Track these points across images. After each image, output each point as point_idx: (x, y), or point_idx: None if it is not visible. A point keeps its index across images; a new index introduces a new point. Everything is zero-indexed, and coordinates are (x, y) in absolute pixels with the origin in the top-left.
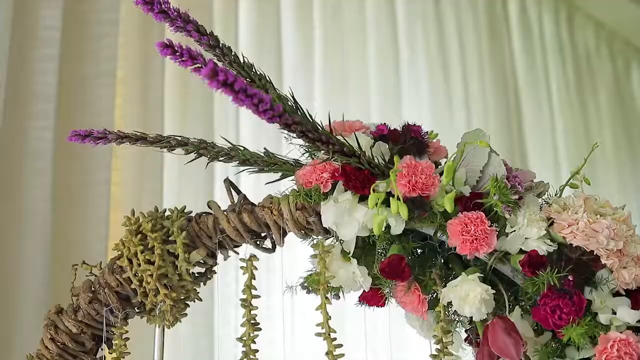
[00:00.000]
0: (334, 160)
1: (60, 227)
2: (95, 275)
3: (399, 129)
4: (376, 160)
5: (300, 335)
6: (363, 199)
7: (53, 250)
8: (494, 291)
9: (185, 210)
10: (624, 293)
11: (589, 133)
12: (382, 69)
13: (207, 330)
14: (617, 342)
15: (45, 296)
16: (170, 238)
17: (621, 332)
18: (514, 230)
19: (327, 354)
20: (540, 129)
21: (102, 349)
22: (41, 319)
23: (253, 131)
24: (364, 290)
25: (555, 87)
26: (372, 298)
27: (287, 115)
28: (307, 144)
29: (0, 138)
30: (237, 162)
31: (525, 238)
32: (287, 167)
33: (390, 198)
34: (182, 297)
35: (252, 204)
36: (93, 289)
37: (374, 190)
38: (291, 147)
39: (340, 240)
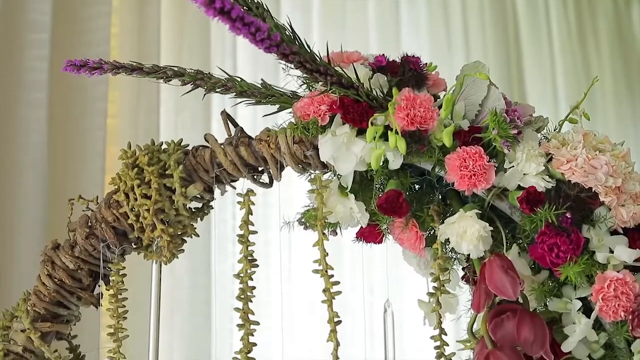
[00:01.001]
0: (331, 92)
1: (57, 160)
2: (92, 210)
3: (397, 61)
4: (374, 92)
5: (298, 272)
6: (361, 132)
7: (50, 184)
8: (492, 228)
9: (182, 144)
10: (621, 231)
11: (588, 71)
12: (381, 0)
13: (204, 267)
14: (614, 281)
15: (42, 232)
16: (166, 172)
17: (618, 272)
18: (513, 166)
19: (324, 290)
20: (539, 63)
21: (99, 286)
22: (38, 255)
23: (250, 62)
24: (361, 227)
25: (555, 23)
26: (370, 234)
27: (285, 44)
28: (304, 75)
29: None
30: (234, 93)
31: (524, 174)
32: (285, 99)
33: (389, 132)
34: (179, 233)
35: (249, 137)
36: (90, 224)
37: (372, 124)
38: (289, 79)
39: (338, 175)
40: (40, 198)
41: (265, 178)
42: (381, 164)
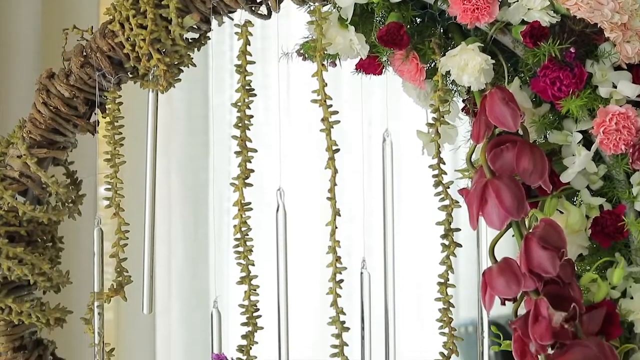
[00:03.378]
0: None
1: None
2: (87, 40)
3: None
4: None
5: (296, 104)
6: None
7: (43, 15)
8: (494, 61)
9: None
10: (625, 68)
11: None
12: None
13: (201, 99)
14: (616, 115)
15: (37, 62)
16: (162, 2)
17: (621, 106)
18: (517, 0)
19: (322, 120)
20: None
21: (95, 114)
22: (33, 84)
23: None
24: (361, 58)
25: None
26: (369, 66)
27: None
28: None
29: None
30: None
31: (528, 9)
32: None
33: None
34: (175, 62)
35: None
36: (85, 53)
37: None
38: None
39: (338, 7)
40: (34, 27)
41: (263, 10)
42: None
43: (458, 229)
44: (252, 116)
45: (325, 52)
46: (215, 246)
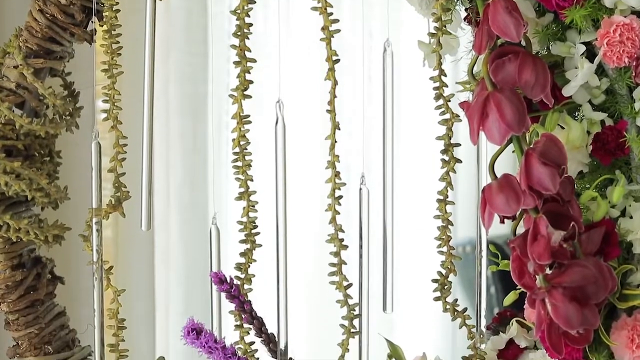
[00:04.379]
0: None
1: None
2: None
3: None
4: None
5: (296, 12)
6: None
7: None
8: None
9: None
10: None
11: None
12: None
13: (199, 8)
14: (621, 26)
15: None
16: None
17: (625, 17)
18: None
19: (322, 29)
20: None
21: (92, 22)
22: None
23: None
24: None
25: None
26: None
27: None
28: None
29: None
30: None
31: None
32: None
33: None
34: None
35: None
36: None
37: None
38: None
39: None
40: None
41: None
42: None
43: (458, 144)
44: (251, 24)
45: None
46: (214, 161)
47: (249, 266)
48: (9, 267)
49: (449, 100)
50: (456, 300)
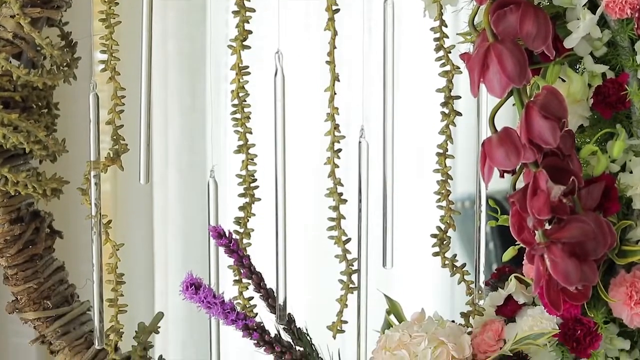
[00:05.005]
0: None
1: None
2: None
3: None
4: None
5: None
6: None
7: None
8: None
9: None
10: None
11: None
12: None
13: None
14: None
15: None
16: None
17: None
18: None
19: None
20: None
21: None
22: None
23: None
24: None
25: None
26: None
27: None
28: None
29: None
30: None
31: None
32: None
33: None
34: None
35: None
36: None
37: None
38: None
39: None
40: None
41: None
42: None
43: (458, 97)
44: None
45: None
46: (212, 115)
47: (248, 220)
48: (7, 221)
49: (450, 52)
50: (455, 255)
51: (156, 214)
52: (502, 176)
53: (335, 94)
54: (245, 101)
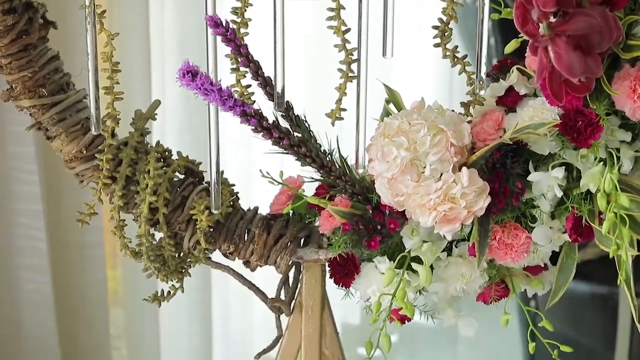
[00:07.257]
0: None
1: None
2: None
3: None
4: None
5: None
6: None
7: None
8: None
9: None
10: None
11: None
12: None
13: None
14: None
15: None
16: None
17: None
18: None
19: None
20: None
21: None
22: None
23: None
24: None
25: None
26: None
27: None
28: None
29: None
30: None
31: None
32: None
33: None
34: None
35: None
36: None
37: None
38: None
39: None
40: None
41: None
42: None
43: None
44: None
45: None
46: None
47: (246, 10)
48: (0, 11)
49: None
50: (456, 47)
51: (152, 2)
52: None
53: None
54: None
